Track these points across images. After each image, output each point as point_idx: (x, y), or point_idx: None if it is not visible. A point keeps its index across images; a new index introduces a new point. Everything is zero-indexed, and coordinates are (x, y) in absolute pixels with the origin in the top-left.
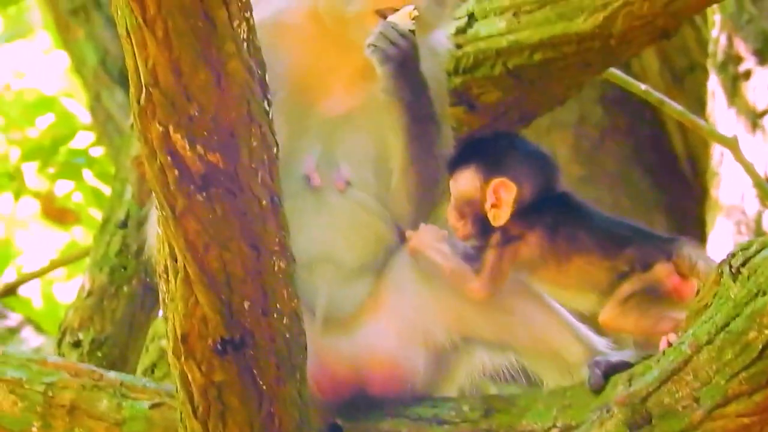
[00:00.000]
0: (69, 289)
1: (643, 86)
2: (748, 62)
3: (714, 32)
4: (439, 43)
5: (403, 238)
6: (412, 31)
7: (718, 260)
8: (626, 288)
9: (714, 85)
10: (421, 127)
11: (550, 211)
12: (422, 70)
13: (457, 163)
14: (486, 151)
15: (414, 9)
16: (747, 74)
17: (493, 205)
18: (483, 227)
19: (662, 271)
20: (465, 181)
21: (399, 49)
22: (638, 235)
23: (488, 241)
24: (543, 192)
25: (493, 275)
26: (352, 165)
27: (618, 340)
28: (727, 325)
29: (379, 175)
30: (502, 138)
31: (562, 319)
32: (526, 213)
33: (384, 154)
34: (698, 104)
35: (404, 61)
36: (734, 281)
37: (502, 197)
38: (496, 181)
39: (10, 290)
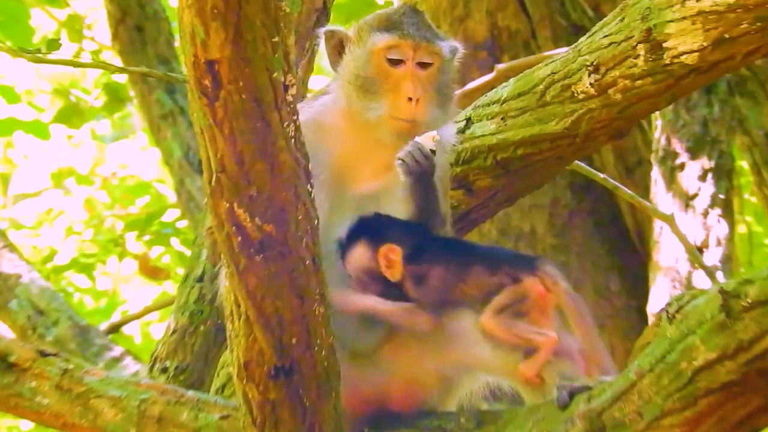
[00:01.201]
0: (161, 328)
1: (602, 175)
2: (683, 157)
3: (656, 134)
4: (446, 138)
5: None
6: (433, 152)
7: (658, 309)
8: (501, 298)
9: (656, 174)
10: (425, 220)
11: (435, 249)
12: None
13: (346, 246)
14: (366, 229)
15: (436, 134)
16: (682, 166)
17: (387, 266)
18: (386, 284)
19: (530, 283)
20: (359, 256)
21: (420, 167)
22: (510, 255)
23: (403, 290)
24: (421, 241)
25: (428, 308)
26: None
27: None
28: (664, 357)
29: None
30: (373, 218)
31: None
32: (417, 257)
33: None
34: (644, 189)
35: (421, 176)
36: (670, 324)
37: (392, 258)
38: (383, 248)
39: (116, 329)
